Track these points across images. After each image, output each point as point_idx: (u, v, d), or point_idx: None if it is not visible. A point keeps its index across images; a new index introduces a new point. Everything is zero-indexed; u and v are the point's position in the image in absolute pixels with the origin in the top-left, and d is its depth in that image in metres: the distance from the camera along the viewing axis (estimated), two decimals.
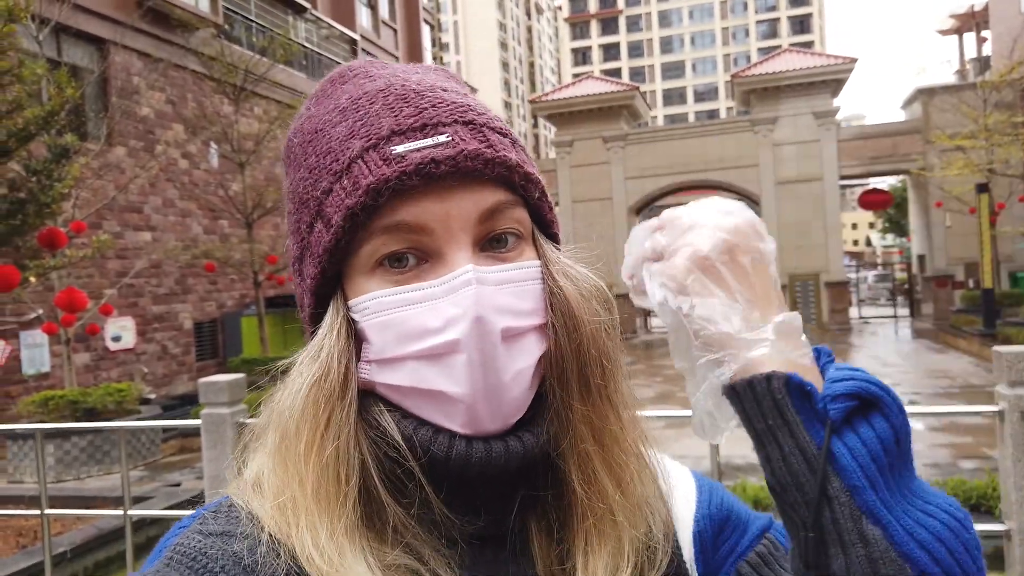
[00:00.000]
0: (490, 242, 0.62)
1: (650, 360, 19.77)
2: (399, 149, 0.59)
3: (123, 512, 3.63)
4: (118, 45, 13.73)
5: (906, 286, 29.40)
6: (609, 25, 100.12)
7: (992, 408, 2.77)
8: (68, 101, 7.70)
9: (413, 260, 0.60)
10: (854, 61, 23.59)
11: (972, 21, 33.70)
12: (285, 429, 0.61)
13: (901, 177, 30.10)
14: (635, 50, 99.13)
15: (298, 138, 0.67)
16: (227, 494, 0.65)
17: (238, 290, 17.25)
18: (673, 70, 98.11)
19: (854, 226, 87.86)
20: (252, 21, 18.50)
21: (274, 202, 15.04)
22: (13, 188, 7.54)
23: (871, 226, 73.54)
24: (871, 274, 40.40)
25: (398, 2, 28.05)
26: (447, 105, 0.62)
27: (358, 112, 0.63)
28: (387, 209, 0.59)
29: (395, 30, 27.25)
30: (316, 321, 0.65)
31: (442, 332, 0.58)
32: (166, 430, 10.54)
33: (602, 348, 0.64)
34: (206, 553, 0.58)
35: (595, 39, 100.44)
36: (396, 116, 0.61)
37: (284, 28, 18.98)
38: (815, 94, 23.99)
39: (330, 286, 0.64)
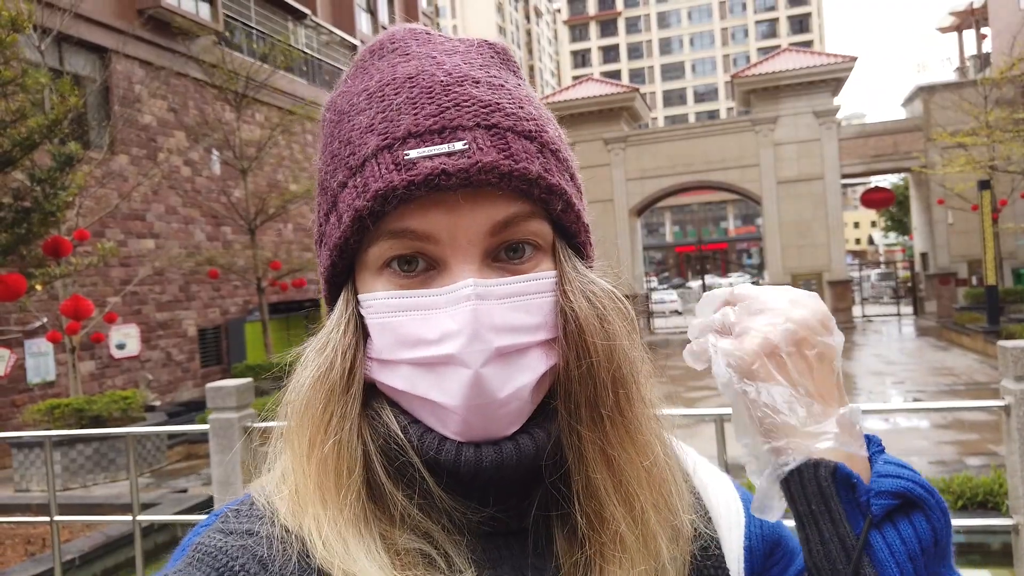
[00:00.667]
0: (506, 251, 0.61)
1: (654, 360, 19.76)
2: (412, 154, 0.57)
3: (132, 518, 3.65)
4: (119, 54, 13.78)
5: (909, 284, 29.36)
6: (608, 27, 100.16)
7: (998, 403, 2.77)
8: (71, 110, 7.73)
9: (422, 264, 0.60)
10: (854, 60, 23.59)
11: (972, 18, 33.68)
12: (291, 423, 0.62)
13: (903, 175, 30.07)
14: (634, 52, 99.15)
15: (329, 114, 0.66)
16: (249, 492, 0.65)
17: (241, 296, 17.28)
18: (673, 71, 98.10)
19: (856, 225, 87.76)
20: (252, 28, 18.55)
21: (276, 208, 15.08)
22: (18, 197, 7.56)
23: (873, 224, 73.46)
24: (874, 272, 40.33)
25: (398, 7, 28.11)
26: (472, 105, 0.59)
27: (382, 102, 0.61)
28: (394, 214, 0.58)
29: None
30: (331, 303, 0.65)
31: (437, 344, 0.58)
32: (172, 436, 10.56)
33: (616, 372, 0.62)
34: (226, 551, 0.58)
35: (594, 41, 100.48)
36: (416, 115, 0.59)
37: (284, 35, 19.06)
38: (815, 93, 23.98)
39: (343, 276, 0.64)
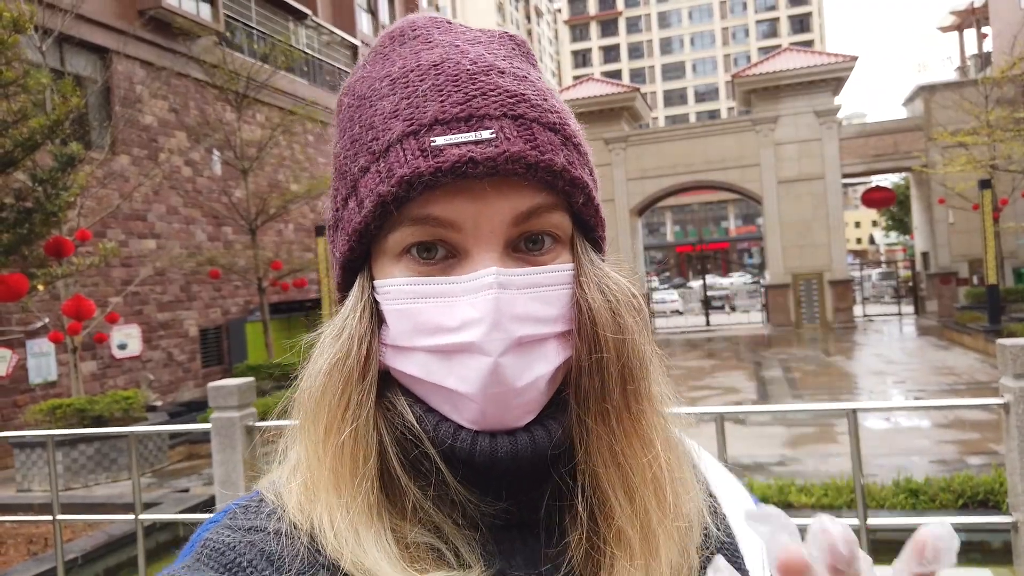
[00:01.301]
0: (526, 242, 0.61)
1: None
2: (439, 141, 0.57)
3: (134, 517, 3.66)
4: (120, 54, 13.80)
5: (910, 284, 29.35)
6: (609, 27, 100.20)
7: (997, 401, 2.78)
8: (73, 110, 7.75)
9: (442, 252, 0.60)
10: (854, 59, 23.59)
11: (972, 17, 33.68)
12: (306, 410, 0.62)
13: (903, 175, 30.07)
14: (635, 51, 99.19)
15: (348, 99, 0.66)
16: (258, 489, 0.65)
17: (242, 296, 17.30)
18: (673, 71, 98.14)
19: (857, 224, 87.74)
20: (253, 28, 18.57)
21: (277, 208, 15.10)
22: (20, 198, 7.58)
23: (874, 224, 73.43)
24: (875, 272, 40.34)
25: (398, 7, 28.12)
26: (498, 94, 0.59)
27: (407, 88, 0.60)
28: (418, 201, 0.58)
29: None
30: (345, 289, 0.65)
31: (457, 332, 0.58)
32: (173, 436, 10.57)
33: (625, 367, 0.62)
34: (234, 548, 0.57)
35: (595, 41, 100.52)
36: (442, 102, 0.58)
37: (285, 35, 19.07)
38: (816, 93, 23.99)
39: (360, 262, 0.63)
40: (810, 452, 8.86)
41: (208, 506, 6.81)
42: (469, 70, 0.60)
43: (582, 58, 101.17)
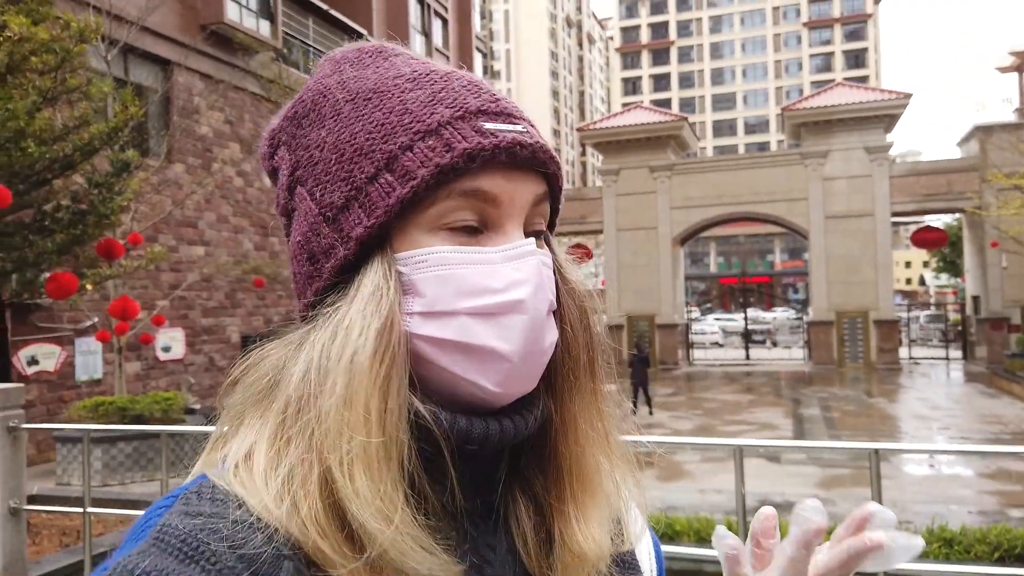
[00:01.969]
0: (525, 233, 0.67)
1: (691, 392, 19.54)
2: (489, 126, 0.64)
3: None
4: (181, 66, 14.29)
5: (959, 327, 28.56)
6: (660, 56, 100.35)
7: None
8: (132, 118, 8.04)
9: (478, 228, 0.64)
10: (909, 96, 23.24)
11: None
12: (324, 386, 0.59)
13: (956, 216, 29.39)
14: (686, 81, 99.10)
15: (343, 94, 0.68)
16: (204, 473, 0.63)
17: (284, 306, 17.61)
18: (724, 101, 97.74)
19: (907, 264, 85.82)
20: (309, 46, 19.06)
21: None
22: (76, 200, 7.86)
23: (925, 265, 71.74)
24: (923, 314, 39.36)
25: (452, 30, 28.59)
26: (509, 99, 0.70)
27: (435, 85, 0.67)
28: (468, 176, 0.63)
29: (448, 57, 27.75)
30: (343, 273, 0.65)
31: (504, 292, 0.62)
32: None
33: (586, 353, 0.70)
34: (196, 536, 0.55)
35: (646, 69, 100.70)
36: (479, 98, 0.67)
37: None
38: (868, 129, 23.66)
39: (375, 240, 0.64)
40: (844, 494, 8.65)
41: None
42: (470, 78, 0.69)
43: (632, 86, 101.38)
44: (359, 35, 21.06)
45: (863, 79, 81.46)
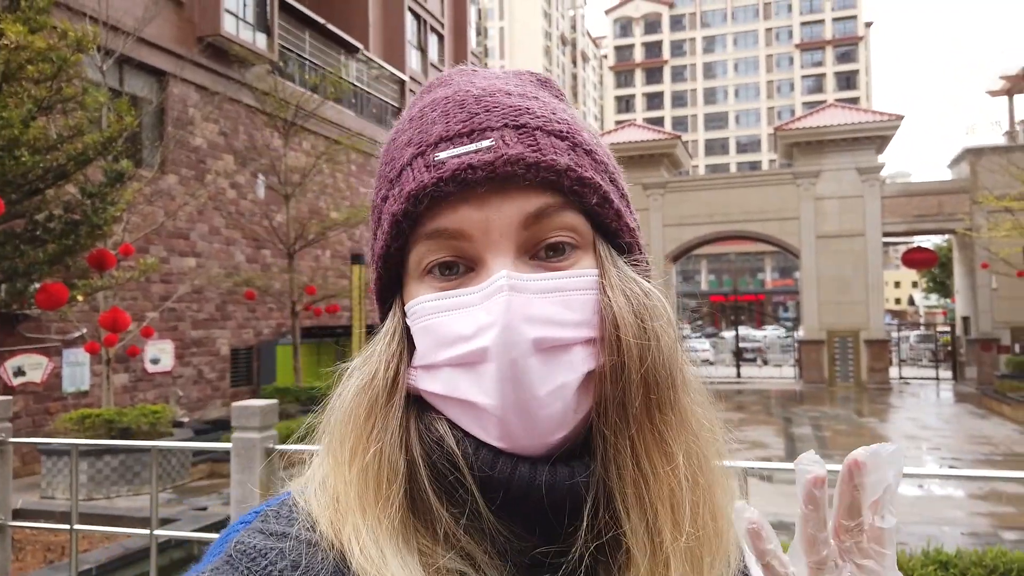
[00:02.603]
0: (546, 250, 0.60)
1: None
2: (441, 155, 0.59)
3: (149, 532, 3.68)
4: (177, 78, 14.27)
5: (949, 348, 28.67)
6: (654, 74, 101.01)
7: None
8: (126, 129, 7.99)
9: (462, 268, 0.60)
10: (900, 118, 23.44)
11: (1022, 83, 33.32)
12: (333, 431, 0.62)
13: (946, 237, 29.59)
14: (679, 100, 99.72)
15: (382, 148, 0.69)
16: (290, 491, 0.64)
17: (275, 319, 17.51)
18: (716, 121, 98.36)
19: (897, 284, 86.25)
20: (306, 59, 19.09)
21: (316, 234, 15.34)
22: (68, 209, 7.80)
23: (915, 285, 72.16)
24: (913, 334, 39.48)
25: (447, 46, 28.71)
26: (501, 109, 0.61)
27: (421, 120, 0.63)
28: (428, 216, 0.59)
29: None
30: (383, 318, 0.67)
31: (473, 339, 0.57)
32: (196, 453, 10.66)
33: (650, 374, 0.58)
34: (266, 554, 0.56)
35: (639, 88, 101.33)
36: (447, 122, 0.61)
37: (336, 67, 19.57)
38: (859, 149, 23.84)
39: (390, 291, 0.65)
40: None
41: (223, 526, 6.81)
42: (476, 95, 0.63)
43: (625, 104, 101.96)
44: (355, 49, 21.13)
45: (854, 100, 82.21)
